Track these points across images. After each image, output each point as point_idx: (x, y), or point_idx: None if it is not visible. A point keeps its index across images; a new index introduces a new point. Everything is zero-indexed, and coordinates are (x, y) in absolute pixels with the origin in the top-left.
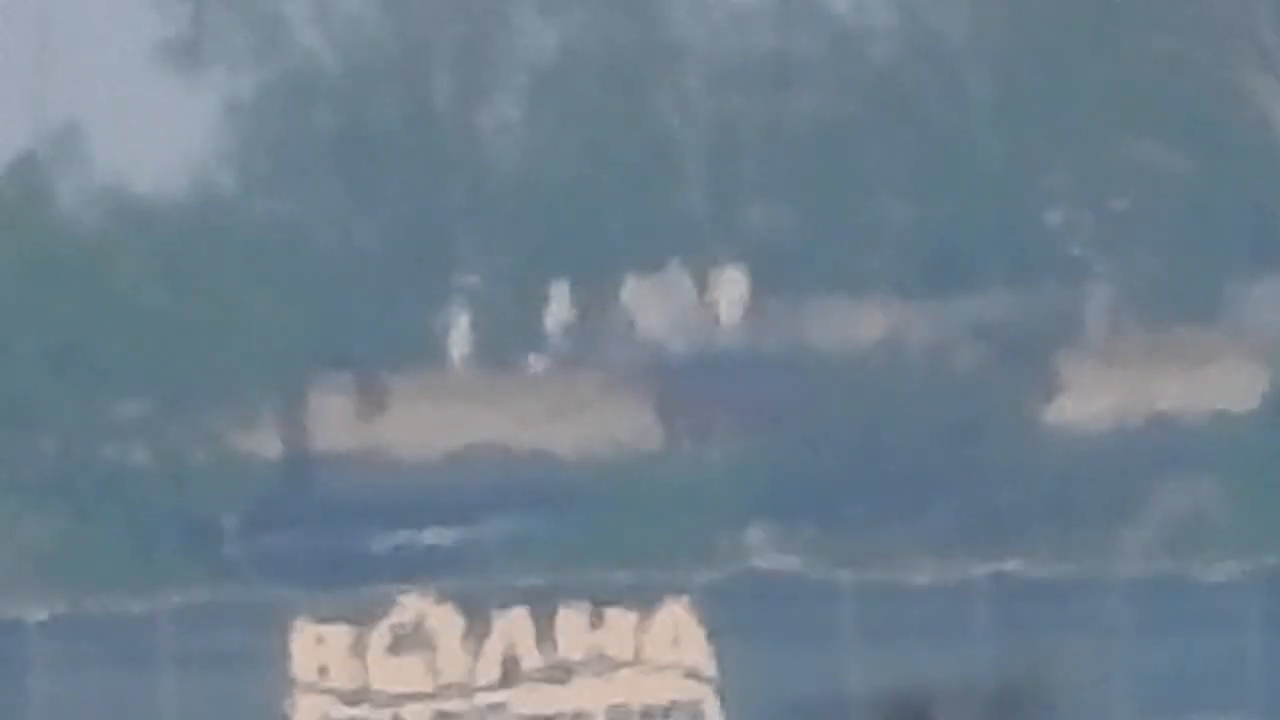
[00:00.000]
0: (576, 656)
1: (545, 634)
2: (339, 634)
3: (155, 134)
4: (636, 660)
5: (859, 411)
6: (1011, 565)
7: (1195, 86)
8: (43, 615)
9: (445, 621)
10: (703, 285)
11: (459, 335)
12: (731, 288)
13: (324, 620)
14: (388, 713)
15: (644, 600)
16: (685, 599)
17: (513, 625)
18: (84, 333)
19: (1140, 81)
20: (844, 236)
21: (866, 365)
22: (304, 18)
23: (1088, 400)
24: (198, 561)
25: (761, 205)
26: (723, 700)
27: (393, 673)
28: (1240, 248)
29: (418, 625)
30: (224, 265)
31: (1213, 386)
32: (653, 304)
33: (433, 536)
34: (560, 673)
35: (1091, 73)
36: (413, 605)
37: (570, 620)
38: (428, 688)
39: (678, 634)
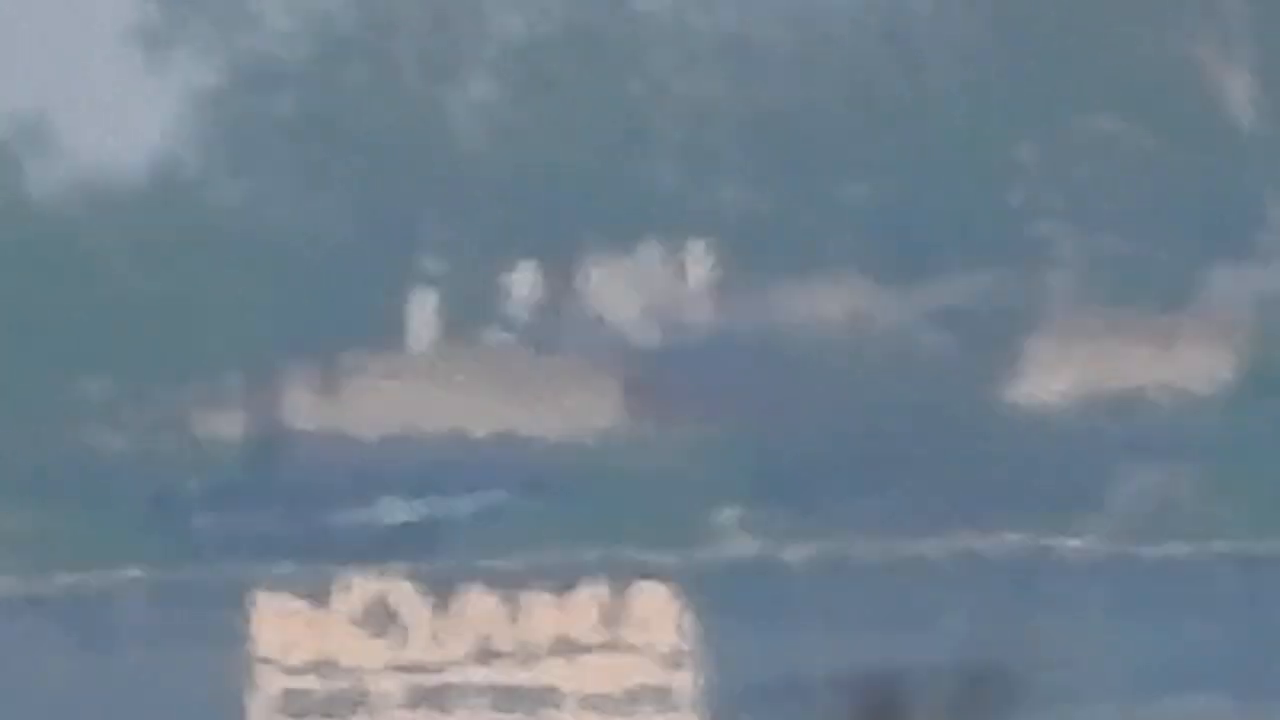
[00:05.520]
0: (544, 637)
1: (513, 614)
2: (302, 610)
3: (121, 117)
4: (605, 642)
5: (825, 393)
6: (978, 545)
7: (1156, 64)
8: (4, 594)
9: (410, 600)
10: (670, 266)
11: (424, 316)
12: (698, 269)
13: (287, 597)
14: (352, 688)
15: (611, 581)
16: (653, 580)
17: (479, 605)
18: (48, 314)
19: (1101, 60)
20: (810, 217)
21: (832, 346)
22: (271, 1)
23: (1051, 380)
24: (160, 539)
25: (729, 186)
26: (693, 682)
27: (358, 649)
28: (1204, 228)
29: (383, 603)
30: (189, 247)
31: (1176, 367)
32: (620, 285)
33: (397, 515)
34: (529, 653)
35: (1053, 52)
36: (377, 583)
37: (537, 601)
38: (394, 664)
39: (646, 615)
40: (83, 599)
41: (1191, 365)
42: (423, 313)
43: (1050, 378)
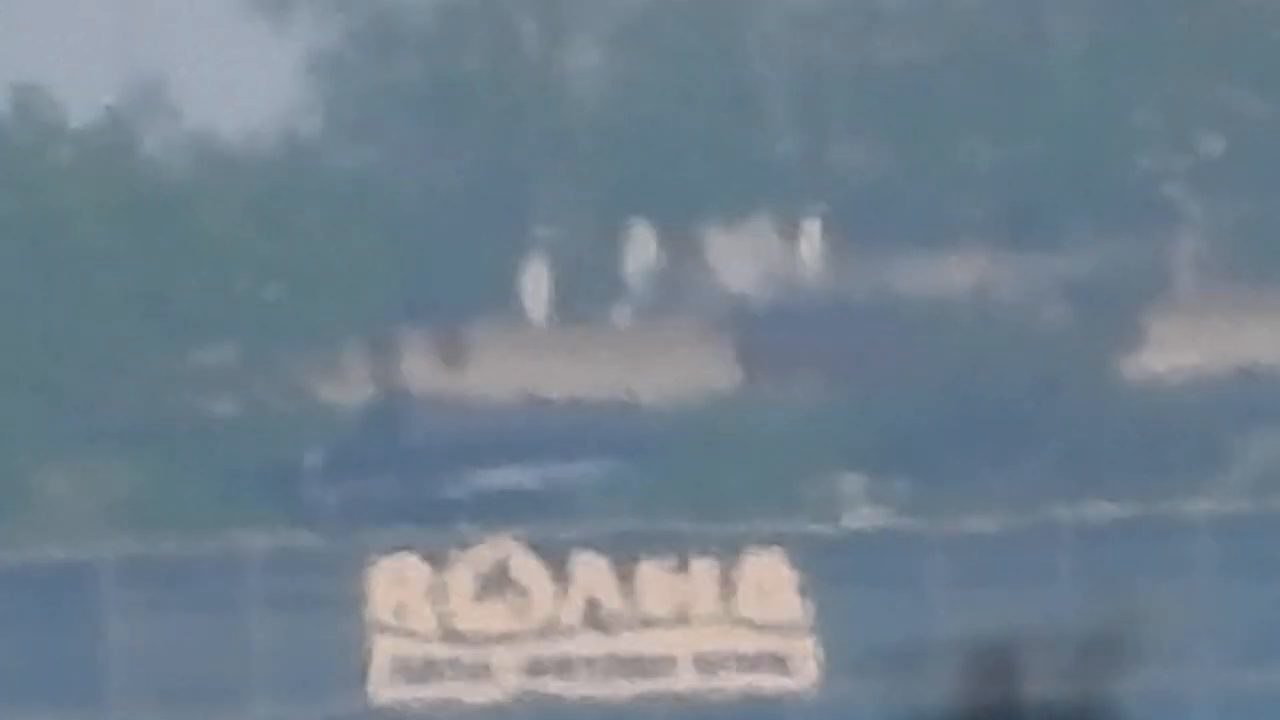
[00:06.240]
0: (659, 603)
1: (627, 581)
2: (420, 576)
3: (241, 82)
4: (720, 609)
5: (945, 361)
6: (1098, 514)
7: None
8: (123, 559)
9: (527, 566)
10: (787, 232)
11: (540, 283)
12: (816, 235)
13: (406, 562)
14: (470, 654)
15: (727, 549)
16: (769, 548)
17: (594, 572)
18: (170, 280)
19: (1229, 25)
20: (930, 184)
21: (952, 314)
22: None
23: (1174, 351)
24: (279, 506)
25: (846, 151)
26: (809, 649)
27: (475, 615)
28: None
29: (500, 569)
30: (308, 213)
31: None
32: (736, 251)
33: (514, 482)
34: (645, 620)
35: (1180, 16)
36: (494, 549)
37: (653, 568)
38: (510, 630)
39: (762, 583)
40: (202, 563)
41: None
42: (539, 279)
43: (1174, 348)
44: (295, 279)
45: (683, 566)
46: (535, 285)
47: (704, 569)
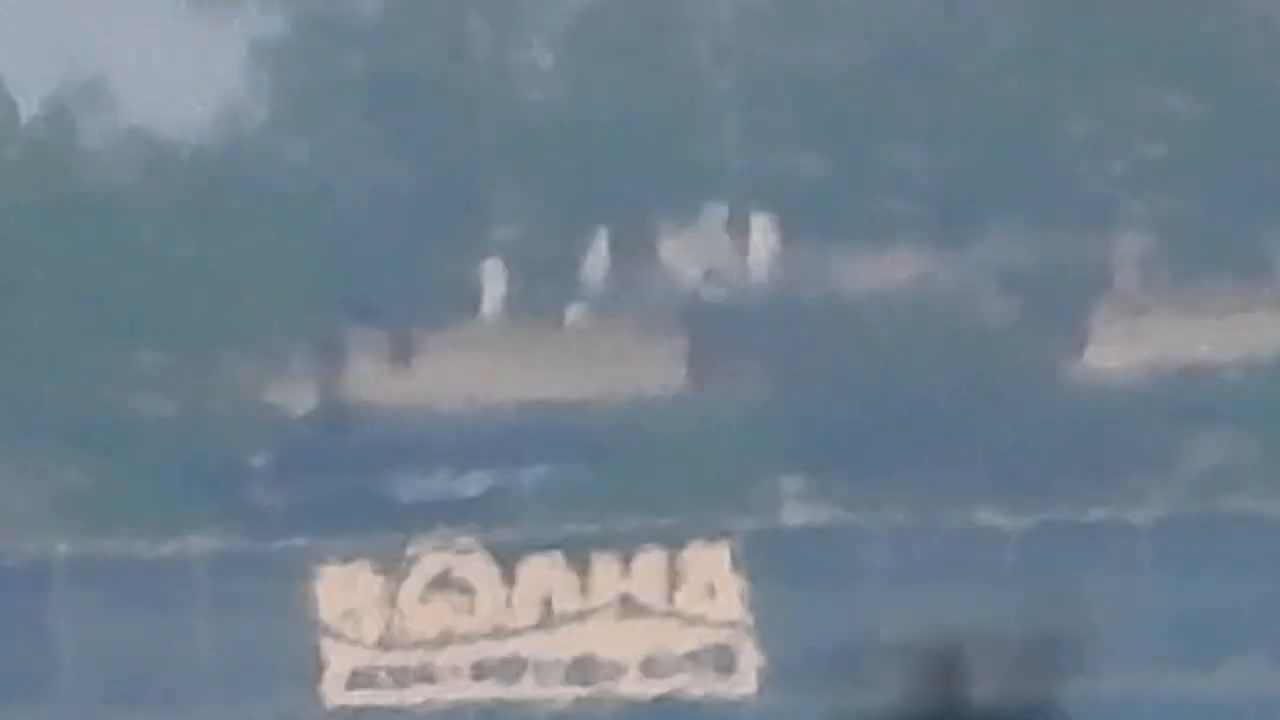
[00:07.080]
0: (609, 603)
1: (578, 581)
2: (369, 580)
3: (183, 77)
4: (668, 607)
5: (888, 359)
6: (1040, 513)
7: (1227, 30)
8: (69, 560)
9: (477, 568)
10: (734, 232)
11: (493, 284)
12: (764, 235)
13: (354, 567)
14: (419, 658)
15: (675, 548)
16: (716, 546)
17: (545, 572)
18: (110, 279)
19: (1169, 25)
20: (874, 183)
21: (896, 313)
22: None
23: (1116, 349)
24: (227, 509)
25: (792, 152)
26: (755, 647)
27: (424, 618)
28: (1272, 196)
29: (449, 572)
30: (252, 212)
31: (1243, 336)
32: (686, 251)
33: (465, 485)
34: (593, 619)
35: (1120, 17)
36: (444, 552)
37: (603, 567)
38: (459, 633)
39: (710, 581)
40: (148, 564)
41: (1259, 334)
42: (492, 281)
43: (1116, 346)
44: (239, 278)
45: (629, 566)
46: (491, 287)
47: (650, 568)
